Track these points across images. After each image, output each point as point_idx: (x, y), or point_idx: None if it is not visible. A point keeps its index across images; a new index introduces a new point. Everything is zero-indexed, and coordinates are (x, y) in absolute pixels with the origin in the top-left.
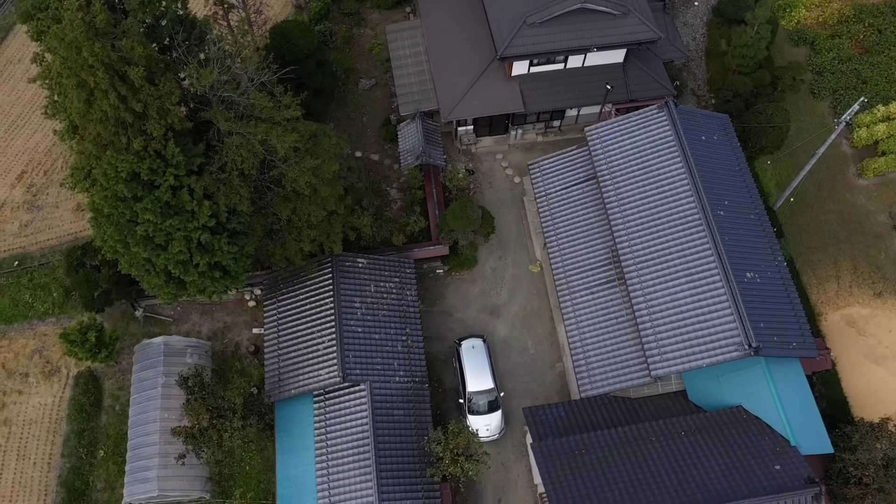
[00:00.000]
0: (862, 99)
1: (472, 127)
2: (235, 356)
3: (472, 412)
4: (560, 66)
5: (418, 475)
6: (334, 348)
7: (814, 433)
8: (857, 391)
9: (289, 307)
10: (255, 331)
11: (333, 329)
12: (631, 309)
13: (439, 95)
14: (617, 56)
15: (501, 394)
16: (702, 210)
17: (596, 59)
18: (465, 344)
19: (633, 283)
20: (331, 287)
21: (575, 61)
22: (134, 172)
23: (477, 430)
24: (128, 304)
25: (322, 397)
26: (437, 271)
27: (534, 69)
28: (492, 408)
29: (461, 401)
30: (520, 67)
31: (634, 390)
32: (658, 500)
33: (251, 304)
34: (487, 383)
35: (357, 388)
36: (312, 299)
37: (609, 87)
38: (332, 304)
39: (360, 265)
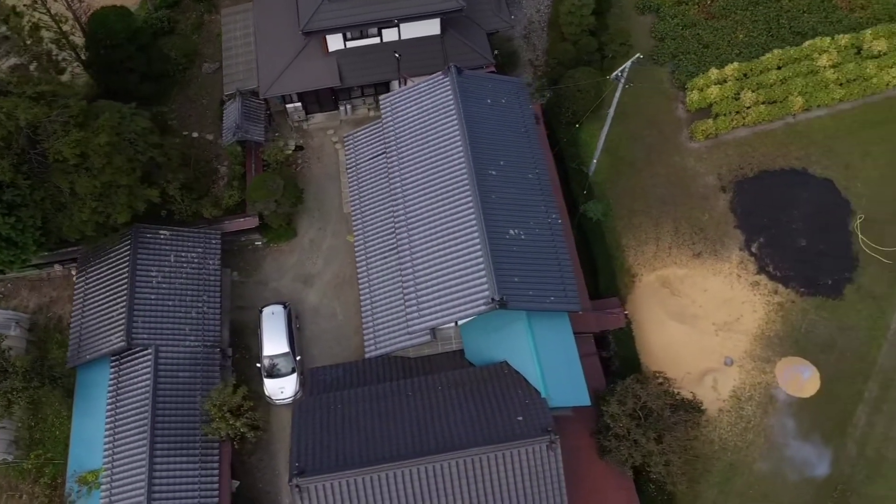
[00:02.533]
0: (637, 55)
1: (300, 104)
2: (57, 328)
3: (269, 375)
4: (376, 39)
5: (197, 434)
6: (124, 314)
7: (571, 387)
8: (657, 349)
9: (93, 278)
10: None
11: (126, 296)
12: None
13: (260, 73)
14: (433, 27)
15: (298, 357)
16: (470, 170)
17: (412, 31)
18: (266, 310)
19: (402, 245)
20: (129, 257)
21: (390, 34)
22: None
23: (276, 393)
24: None
25: (117, 362)
26: (256, 243)
27: (350, 44)
28: (287, 371)
29: (258, 364)
30: (335, 43)
31: (415, 350)
32: (391, 450)
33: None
34: (283, 347)
35: (144, 351)
36: (112, 270)
37: (397, 55)
38: (128, 273)
39: (161, 237)
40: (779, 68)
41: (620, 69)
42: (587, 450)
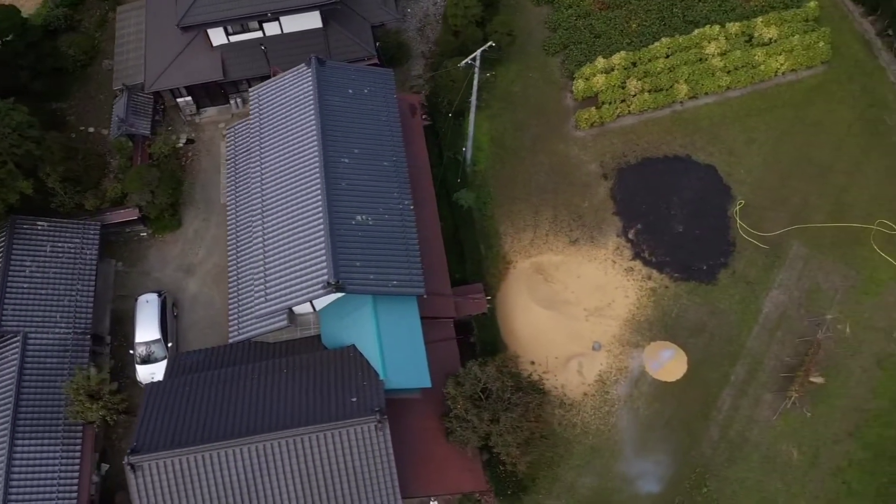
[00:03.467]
0: (490, 44)
1: (190, 98)
2: None
3: (141, 362)
4: (259, 33)
5: (61, 419)
6: None
7: (412, 369)
8: (525, 335)
9: None
10: None
11: None
12: None
13: (147, 68)
14: (314, 21)
15: (170, 344)
16: (320, 158)
17: (293, 24)
18: (141, 299)
19: (256, 234)
20: (4, 247)
21: (272, 28)
22: None
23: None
24: None
25: None
26: (142, 234)
27: (233, 38)
28: (160, 358)
29: (131, 351)
30: (218, 37)
31: (275, 336)
32: (226, 430)
33: None
34: (154, 334)
35: (13, 338)
36: None
37: (263, 48)
38: (1, 263)
39: (39, 227)
40: (667, 57)
41: (471, 57)
42: (434, 431)
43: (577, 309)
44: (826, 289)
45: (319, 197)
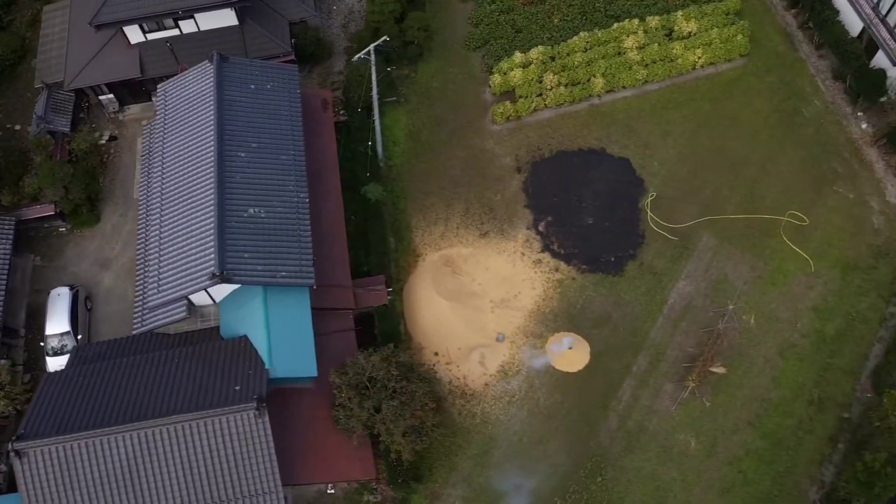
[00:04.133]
0: (384, 38)
1: (112, 95)
2: None
3: (52, 354)
4: (176, 31)
5: None
6: None
7: (299, 359)
8: (430, 326)
9: None
10: None
11: None
12: None
13: (67, 66)
14: (230, 18)
15: (80, 337)
16: (216, 151)
17: (209, 22)
18: (53, 292)
19: (153, 227)
20: None
21: (189, 26)
22: None
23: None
24: None
25: None
26: (60, 229)
27: (150, 36)
28: (68, 350)
29: (42, 343)
30: (135, 35)
31: (176, 327)
32: (112, 418)
33: None
34: (64, 327)
35: None
36: None
37: (169, 45)
38: None
39: None
40: (585, 51)
41: (364, 51)
42: (327, 420)
43: (483, 301)
44: (733, 280)
45: (212, 190)
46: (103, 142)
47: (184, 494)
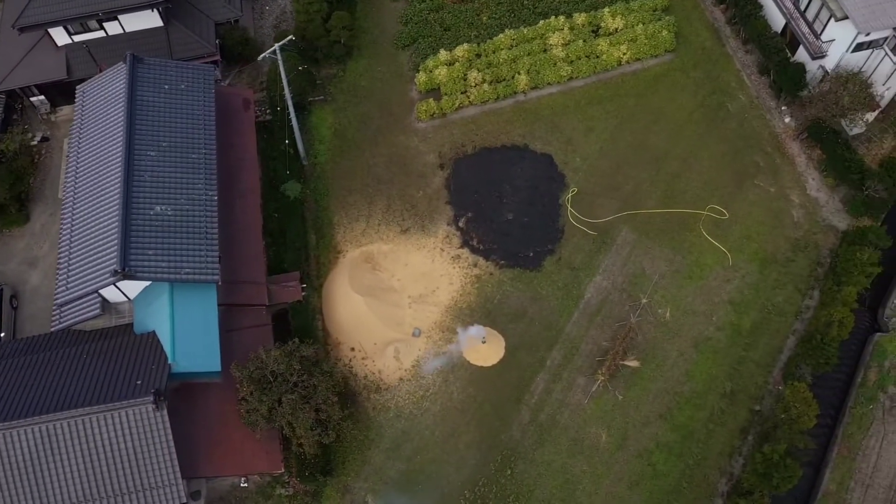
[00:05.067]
0: (290, 37)
1: (43, 97)
2: None
3: None
4: (101, 33)
5: None
6: None
7: (203, 354)
8: (347, 322)
9: None
10: None
11: None
12: None
13: None
14: (154, 20)
15: (2, 334)
16: (124, 150)
17: (133, 23)
18: None
19: (65, 227)
20: None
21: (114, 28)
22: None
23: None
24: None
25: None
26: None
27: (77, 38)
28: None
29: None
30: (61, 37)
31: (91, 324)
32: (15, 413)
33: None
34: None
35: None
36: None
37: (86, 47)
38: None
39: None
40: (511, 48)
41: (270, 50)
42: (234, 415)
43: (401, 296)
44: (650, 274)
45: (119, 188)
46: (35, 143)
47: (85, 487)
